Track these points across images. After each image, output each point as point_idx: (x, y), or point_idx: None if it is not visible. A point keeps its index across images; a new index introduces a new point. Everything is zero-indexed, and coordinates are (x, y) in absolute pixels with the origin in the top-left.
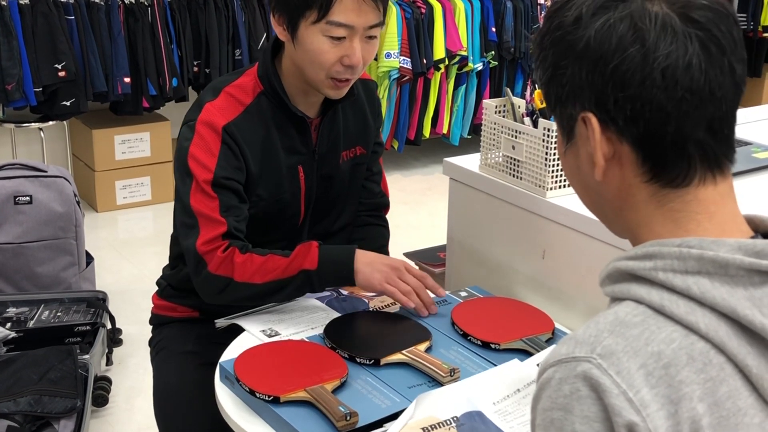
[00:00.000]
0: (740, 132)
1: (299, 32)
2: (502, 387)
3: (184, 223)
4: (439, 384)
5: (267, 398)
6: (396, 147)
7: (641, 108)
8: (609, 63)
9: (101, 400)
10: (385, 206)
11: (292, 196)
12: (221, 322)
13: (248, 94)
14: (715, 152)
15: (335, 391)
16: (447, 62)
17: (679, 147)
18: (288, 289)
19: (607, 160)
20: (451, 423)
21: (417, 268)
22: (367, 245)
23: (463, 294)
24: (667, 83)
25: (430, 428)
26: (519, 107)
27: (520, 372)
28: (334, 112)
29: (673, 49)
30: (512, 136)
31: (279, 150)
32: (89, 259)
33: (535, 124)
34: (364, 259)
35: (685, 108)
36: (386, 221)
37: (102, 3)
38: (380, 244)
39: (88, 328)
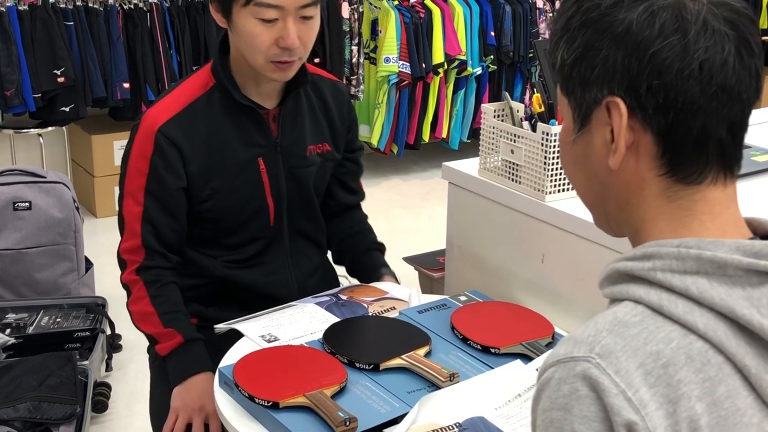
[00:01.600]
0: None
1: (233, 17)
2: (504, 392)
3: (119, 224)
4: (439, 389)
5: (266, 404)
6: (395, 151)
7: (674, 98)
8: (649, 48)
9: (101, 406)
10: (363, 199)
11: (253, 189)
12: (220, 328)
13: (198, 88)
14: (731, 154)
15: (334, 396)
16: (446, 66)
17: (701, 143)
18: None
19: (626, 149)
20: (453, 428)
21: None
22: (364, 262)
23: (463, 298)
24: (703, 76)
25: None
26: (518, 111)
27: (522, 375)
28: (295, 102)
29: (711, 44)
30: (511, 141)
31: (233, 142)
32: (89, 264)
33: (533, 128)
34: (189, 384)
35: (715, 105)
36: (365, 216)
37: (101, 9)
38: (371, 248)
39: (87, 333)
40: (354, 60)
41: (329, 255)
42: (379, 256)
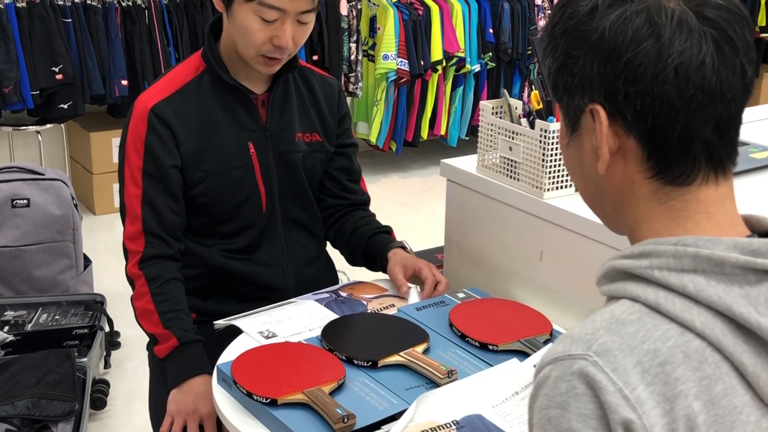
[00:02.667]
0: None
1: (233, 8)
2: (501, 389)
3: (121, 213)
4: (437, 386)
5: (264, 400)
6: (394, 149)
7: (651, 103)
8: (622, 56)
9: (99, 403)
10: (367, 202)
11: (244, 172)
12: (219, 324)
13: (190, 72)
14: (719, 153)
15: (333, 393)
16: (444, 64)
17: (686, 145)
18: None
19: (612, 154)
20: (451, 426)
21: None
22: (371, 247)
23: (461, 295)
24: (679, 80)
25: (430, 431)
26: (516, 108)
27: (519, 373)
28: (284, 89)
29: (687, 47)
30: (509, 138)
31: (223, 125)
32: (87, 261)
33: (532, 126)
34: (185, 387)
35: (695, 106)
36: (372, 214)
37: (99, 6)
38: (375, 232)
39: (86, 331)
40: (352, 57)
41: (340, 255)
42: (384, 237)
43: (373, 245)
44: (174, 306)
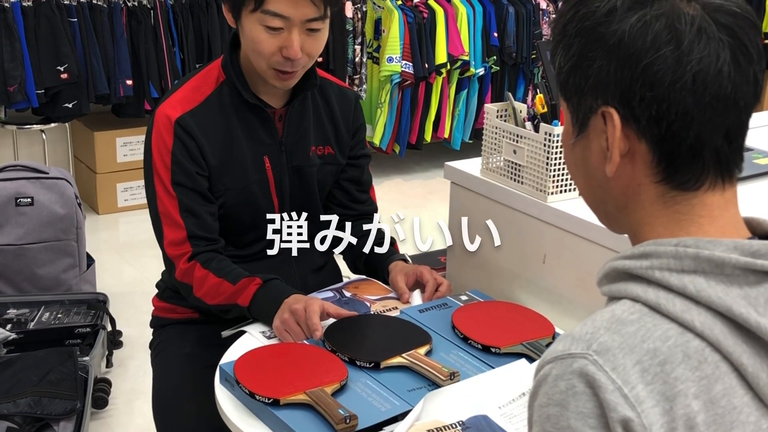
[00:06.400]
0: None
1: (242, 20)
2: (508, 390)
3: (154, 223)
4: (439, 387)
5: (267, 401)
6: (397, 151)
7: (667, 109)
8: (641, 60)
9: (101, 402)
10: (374, 212)
11: (260, 187)
12: (227, 333)
13: (210, 84)
14: (728, 160)
15: (335, 394)
16: (449, 67)
17: (696, 152)
18: (233, 313)
19: (621, 157)
20: (456, 426)
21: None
22: (372, 258)
23: (464, 298)
24: (696, 88)
25: (435, 431)
26: (520, 112)
27: (526, 375)
28: (302, 104)
29: (706, 54)
30: (513, 141)
31: (242, 139)
32: (90, 261)
33: (536, 129)
34: (284, 305)
35: (710, 114)
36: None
37: (105, 5)
38: (379, 243)
39: (88, 330)
40: (357, 59)
41: (344, 262)
42: (387, 248)
43: (375, 255)
44: (238, 271)
